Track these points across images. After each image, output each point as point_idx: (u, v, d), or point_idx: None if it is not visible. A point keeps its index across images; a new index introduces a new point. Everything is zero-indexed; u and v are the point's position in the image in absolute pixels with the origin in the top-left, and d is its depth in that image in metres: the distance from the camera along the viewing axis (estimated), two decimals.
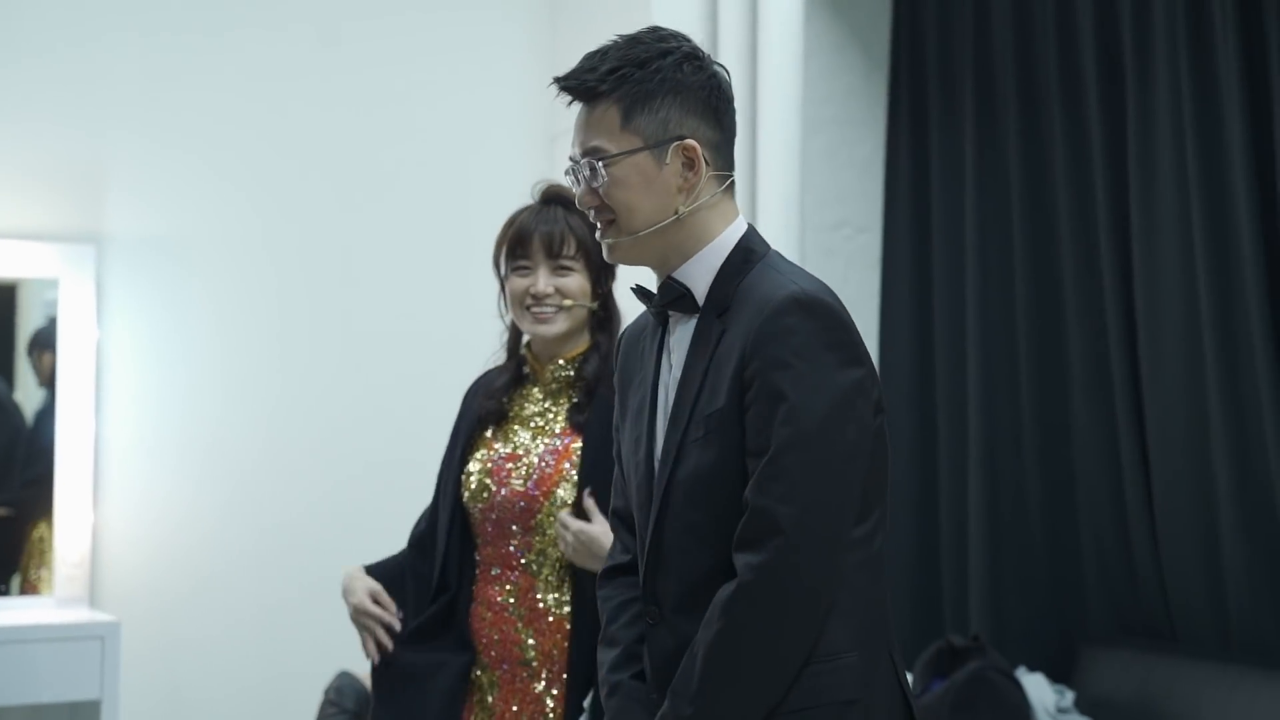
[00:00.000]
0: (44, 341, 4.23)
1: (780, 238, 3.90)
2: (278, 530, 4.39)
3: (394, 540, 2.70)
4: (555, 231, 2.44)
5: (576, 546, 2.37)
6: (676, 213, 1.84)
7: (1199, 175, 3.49)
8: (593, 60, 1.86)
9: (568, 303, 2.42)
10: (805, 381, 1.73)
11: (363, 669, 3.95)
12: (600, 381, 2.44)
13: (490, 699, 2.46)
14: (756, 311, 1.77)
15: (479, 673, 2.48)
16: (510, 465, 2.47)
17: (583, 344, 2.49)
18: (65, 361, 4.15)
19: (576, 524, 2.38)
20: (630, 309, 2.52)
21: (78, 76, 4.25)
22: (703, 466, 1.79)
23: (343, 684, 3.93)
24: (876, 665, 1.78)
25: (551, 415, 2.49)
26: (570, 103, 1.89)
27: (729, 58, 3.99)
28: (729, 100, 1.90)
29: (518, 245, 2.47)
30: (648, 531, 1.84)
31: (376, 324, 4.56)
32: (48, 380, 4.21)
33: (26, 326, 4.27)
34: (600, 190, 1.85)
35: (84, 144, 4.25)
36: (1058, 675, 3.91)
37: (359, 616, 2.51)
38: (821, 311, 1.76)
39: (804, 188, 3.96)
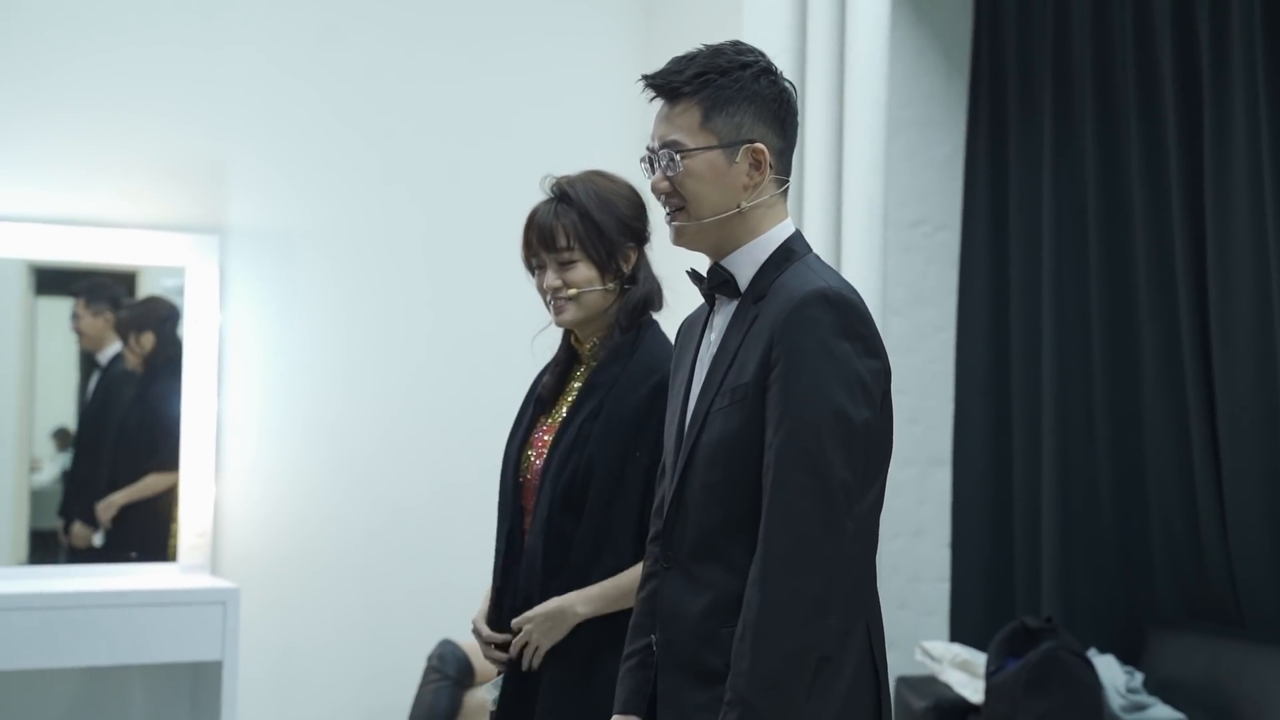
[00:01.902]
0: (141, 323, 4.31)
1: (863, 234, 3.97)
2: (387, 506, 4.49)
3: None
4: (546, 225, 2.54)
5: (547, 629, 2.39)
6: (739, 206, 2.03)
7: (1273, 174, 3.53)
8: (679, 64, 2.05)
9: (571, 291, 2.52)
10: (823, 364, 1.90)
11: (464, 638, 4.06)
12: (616, 359, 2.50)
13: None
14: (787, 302, 1.95)
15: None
16: (548, 438, 2.56)
17: (610, 323, 2.57)
18: (190, 345, 4.28)
19: (528, 615, 2.39)
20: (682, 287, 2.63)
21: (202, 78, 4.38)
22: (727, 433, 1.95)
23: (445, 651, 4.01)
24: (852, 631, 1.93)
25: None
26: (652, 99, 2.08)
27: (817, 61, 4.05)
28: (794, 113, 2.09)
29: (527, 245, 2.59)
30: (672, 488, 2.03)
31: (493, 313, 4.58)
32: (142, 362, 4.31)
33: None
34: (674, 179, 2.04)
35: (208, 140, 4.37)
36: (1127, 657, 3.98)
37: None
38: (843, 306, 1.93)
39: (886, 186, 4.02)
